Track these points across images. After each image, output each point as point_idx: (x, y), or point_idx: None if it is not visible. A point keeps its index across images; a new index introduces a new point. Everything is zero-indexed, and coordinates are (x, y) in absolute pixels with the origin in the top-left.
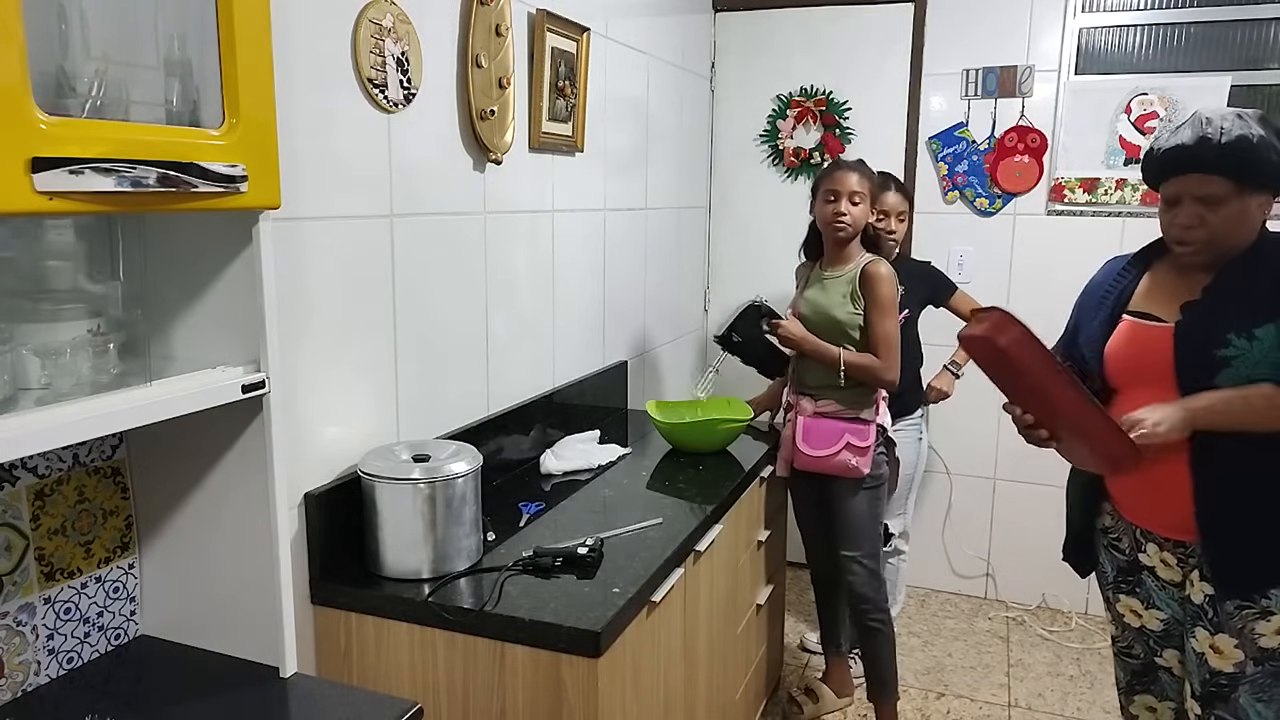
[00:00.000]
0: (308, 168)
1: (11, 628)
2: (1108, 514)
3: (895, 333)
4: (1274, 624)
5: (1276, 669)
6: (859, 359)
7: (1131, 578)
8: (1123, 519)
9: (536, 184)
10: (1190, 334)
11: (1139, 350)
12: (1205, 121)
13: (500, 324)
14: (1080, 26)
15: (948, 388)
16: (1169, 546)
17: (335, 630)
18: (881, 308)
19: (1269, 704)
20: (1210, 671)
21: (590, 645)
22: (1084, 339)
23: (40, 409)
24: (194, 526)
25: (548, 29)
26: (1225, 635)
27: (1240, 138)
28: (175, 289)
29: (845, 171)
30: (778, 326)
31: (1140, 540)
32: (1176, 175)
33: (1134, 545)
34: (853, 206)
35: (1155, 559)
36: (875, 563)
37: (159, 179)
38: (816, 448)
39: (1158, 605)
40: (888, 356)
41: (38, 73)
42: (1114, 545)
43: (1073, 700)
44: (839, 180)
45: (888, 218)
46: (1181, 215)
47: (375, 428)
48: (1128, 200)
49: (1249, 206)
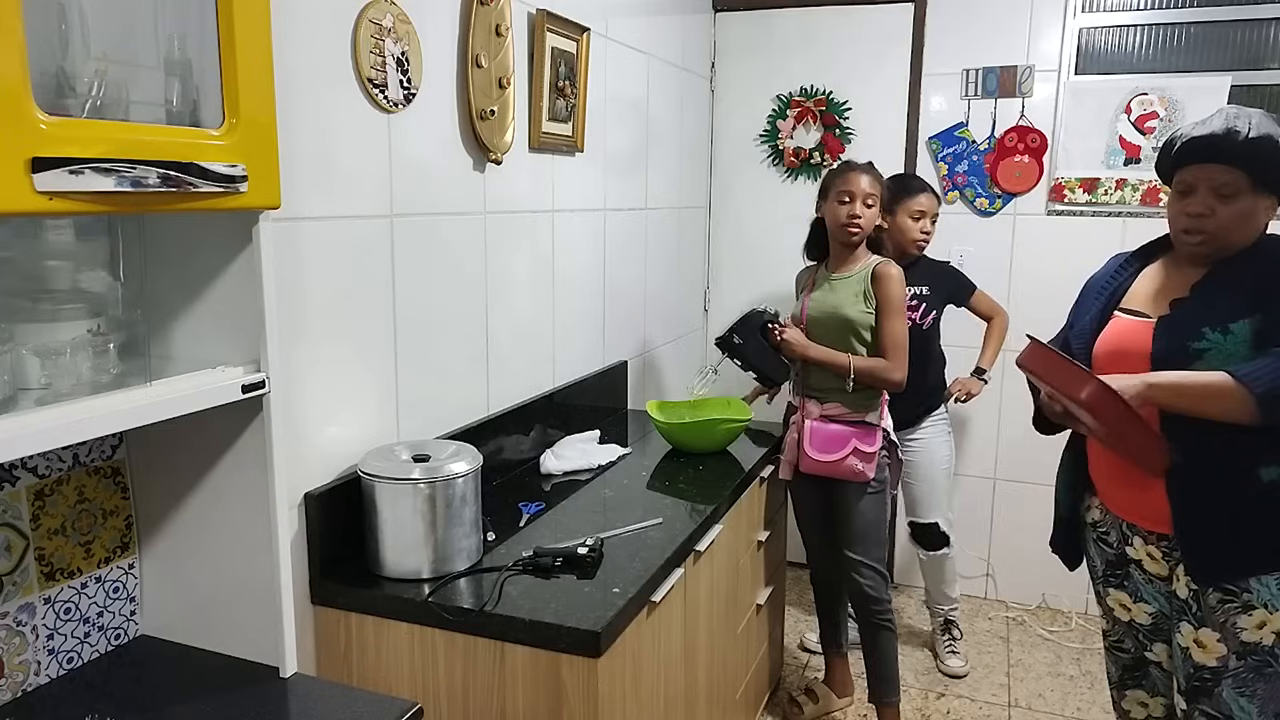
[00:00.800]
0: (308, 168)
1: (11, 628)
2: (1095, 507)
3: (905, 334)
4: (1255, 618)
5: (1258, 663)
6: (867, 364)
7: (1120, 571)
8: (1110, 512)
9: (536, 184)
10: (1170, 328)
11: (1122, 343)
12: (1235, 115)
13: (500, 324)
14: (1080, 26)
15: (974, 389)
16: (1153, 540)
17: (335, 630)
18: (893, 309)
19: (1251, 698)
20: (1194, 666)
21: (590, 645)
22: (1075, 333)
23: (40, 409)
24: (194, 526)
25: (548, 29)
26: (1208, 629)
27: (1267, 136)
28: (175, 289)
29: (859, 173)
30: (778, 334)
31: (1127, 534)
32: (1196, 164)
33: (1121, 539)
34: (866, 209)
35: (1142, 552)
36: (881, 564)
37: (159, 179)
38: (824, 453)
39: (1145, 599)
40: (895, 357)
41: (38, 73)
42: (1103, 539)
43: (1073, 700)
44: (853, 181)
45: (923, 217)
46: (1194, 203)
47: (375, 428)
48: (1128, 200)
49: (1258, 206)
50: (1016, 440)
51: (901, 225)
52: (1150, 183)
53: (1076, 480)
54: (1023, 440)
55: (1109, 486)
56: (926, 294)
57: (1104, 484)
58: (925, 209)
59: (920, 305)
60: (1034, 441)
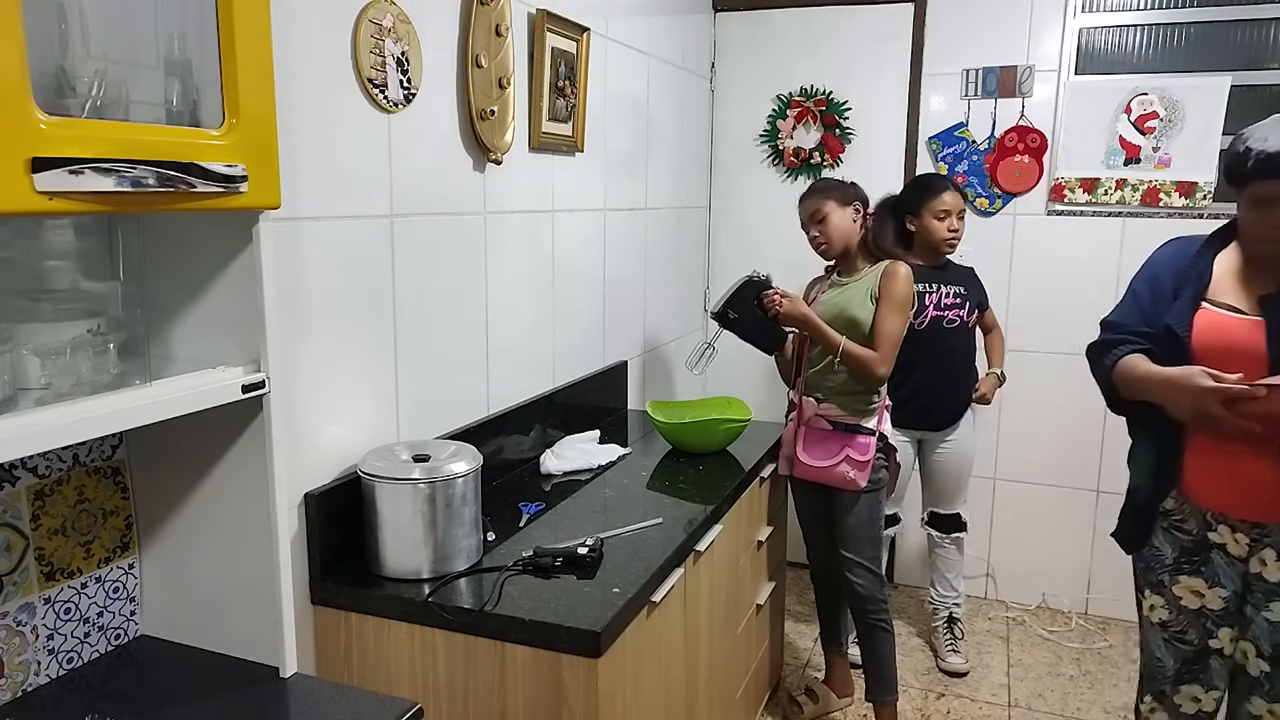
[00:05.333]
0: (308, 168)
1: (11, 628)
2: (1171, 497)
3: (898, 332)
4: None
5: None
6: (858, 350)
7: (1197, 557)
8: (1190, 502)
9: (536, 184)
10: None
11: (1229, 340)
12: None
13: (500, 324)
14: (1080, 26)
15: (989, 392)
16: (1244, 528)
17: (335, 630)
18: (892, 303)
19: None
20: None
21: (590, 645)
22: (1174, 317)
23: (40, 409)
24: (194, 526)
25: (548, 29)
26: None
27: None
28: (175, 289)
29: (804, 202)
30: (774, 304)
31: (1211, 521)
32: (1276, 179)
33: (1203, 525)
34: (822, 225)
35: (1227, 537)
36: (877, 564)
37: (159, 179)
38: (816, 458)
39: (1222, 583)
40: (884, 349)
41: (38, 73)
42: (1177, 527)
43: (1073, 700)
44: (802, 211)
45: (948, 216)
46: (1277, 217)
47: (375, 428)
48: (1128, 200)
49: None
50: (1016, 440)
51: (928, 226)
52: (1150, 183)
53: (1161, 472)
54: (1023, 440)
55: (1205, 481)
56: (964, 293)
57: (1199, 478)
58: (950, 207)
59: (964, 303)
60: (1034, 442)
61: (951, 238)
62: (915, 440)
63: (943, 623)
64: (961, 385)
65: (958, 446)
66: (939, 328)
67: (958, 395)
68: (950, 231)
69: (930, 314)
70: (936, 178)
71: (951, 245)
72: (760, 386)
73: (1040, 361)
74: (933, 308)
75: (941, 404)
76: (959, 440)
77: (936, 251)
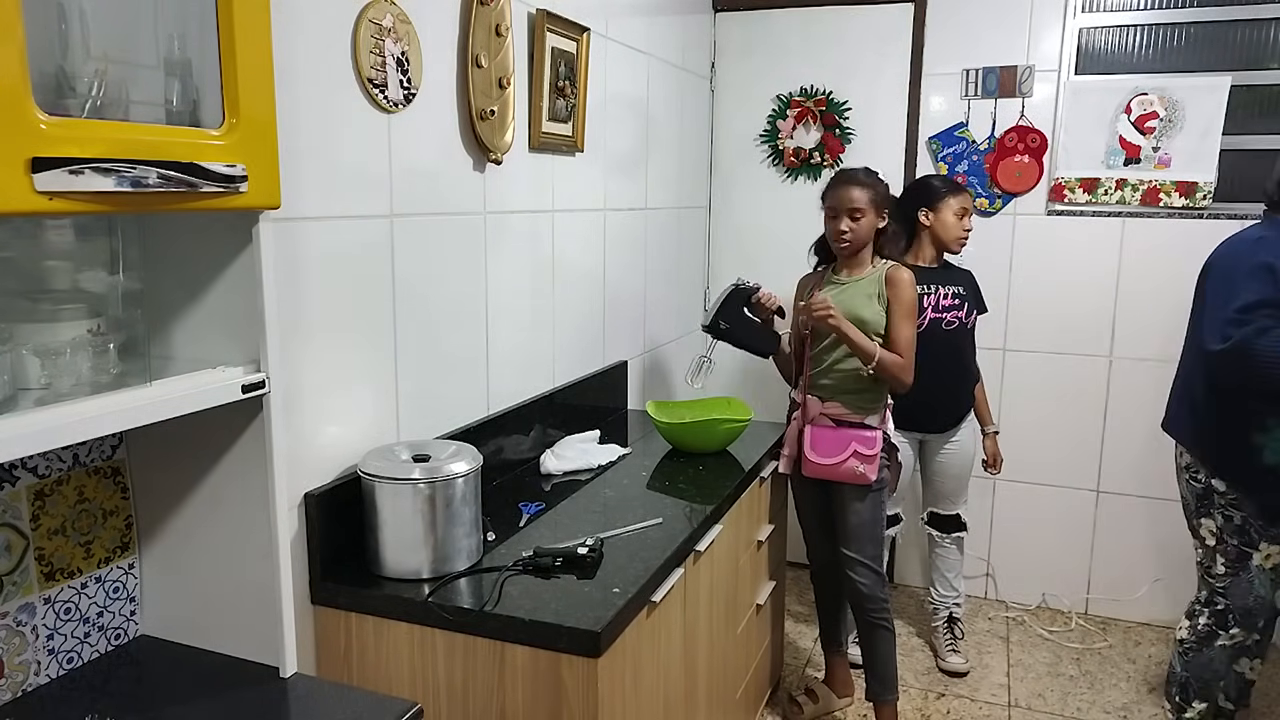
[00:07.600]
0: (308, 168)
1: (11, 628)
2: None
3: (914, 338)
4: None
5: None
6: (892, 358)
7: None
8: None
9: (536, 184)
10: None
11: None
12: None
13: (500, 324)
14: (1080, 26)
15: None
16: None
17: (335, 630)
18: (905, 311)
19: None
20: None
21: (590, 645)
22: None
23: (40, 409)
24: (194, 526)
25: (548, 29)
26: None
27: None
28: (175, 289)
29: (846, 187)
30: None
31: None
32: None
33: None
34: (854, 223)
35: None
36: (879, 563)
37: (159, 179)
38: (825, 456)
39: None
40: (909, 358)
41: (38, 73)
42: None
43: (1073, 700)
44: (837, 197)
45: (966, 215)
46: None
47: (375, 428)
48: (1128, 200)
49: None
50: (1017, 440)
51: (946, 222)
52: (1150, 183)
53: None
54: (1022, 441)
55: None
56: (964, 294)
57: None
58: (968, 207)
59: (964, 305)
60: (1034, 442)
61: (964, 236)
62: (916, 441)
63: (943, 623)
64: (962, 386)
65: (960, 449)
66: (937, 329)
67: (959, 396)
68: (965, 230)
69: (929, 315)
70: (946, 180)
71: (962, 244)
72: (760, 386)
73: (1040, 361)
74: (931, 309)
75: (943, 406)
76: (961, 443)
77: (944, 249)
